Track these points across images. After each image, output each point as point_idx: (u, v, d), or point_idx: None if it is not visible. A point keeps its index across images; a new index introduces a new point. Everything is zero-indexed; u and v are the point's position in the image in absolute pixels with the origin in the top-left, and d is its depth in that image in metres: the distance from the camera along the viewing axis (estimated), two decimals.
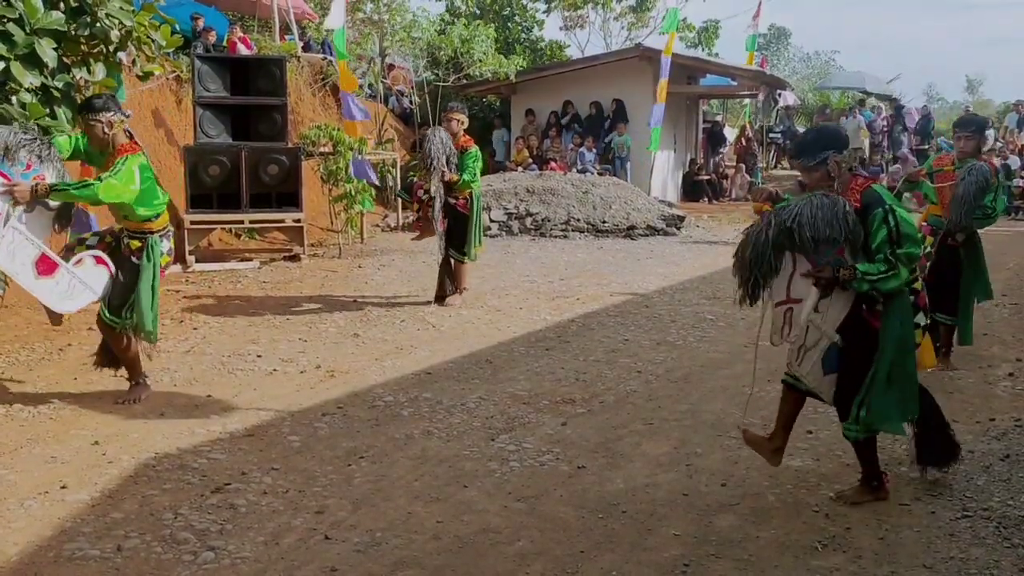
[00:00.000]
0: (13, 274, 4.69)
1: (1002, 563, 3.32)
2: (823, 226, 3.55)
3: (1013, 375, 5.78)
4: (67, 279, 4.78)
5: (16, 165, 4.59)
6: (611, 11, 24.43)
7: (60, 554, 3.31)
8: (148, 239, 4.95)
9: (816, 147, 3.74)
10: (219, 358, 5.93)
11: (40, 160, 4.69)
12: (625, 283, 9.00)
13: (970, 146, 5.60)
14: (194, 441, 4.47)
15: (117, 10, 5.50)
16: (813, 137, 3.88)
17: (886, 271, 3.53)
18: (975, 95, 49.91)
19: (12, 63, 5.03)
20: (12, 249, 4.58)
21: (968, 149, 5.60)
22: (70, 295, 4.80)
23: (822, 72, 36.36)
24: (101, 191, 4.64)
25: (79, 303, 4.89)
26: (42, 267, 4.70)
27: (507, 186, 13.14)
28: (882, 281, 3.55)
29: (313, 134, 10.54)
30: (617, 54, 17.75)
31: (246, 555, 3.34)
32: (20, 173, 4.60)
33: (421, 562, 3.32)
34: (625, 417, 4.99)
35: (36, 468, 4.10)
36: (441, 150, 7.19)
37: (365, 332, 6.79)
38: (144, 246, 4.95)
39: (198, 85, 9.46)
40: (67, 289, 4.78)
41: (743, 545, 3.48)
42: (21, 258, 4.62)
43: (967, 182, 5.42)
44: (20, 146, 4.59)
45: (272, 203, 9.88)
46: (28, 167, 4.64)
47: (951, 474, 4.12)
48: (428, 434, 4.67)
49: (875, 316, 3.69)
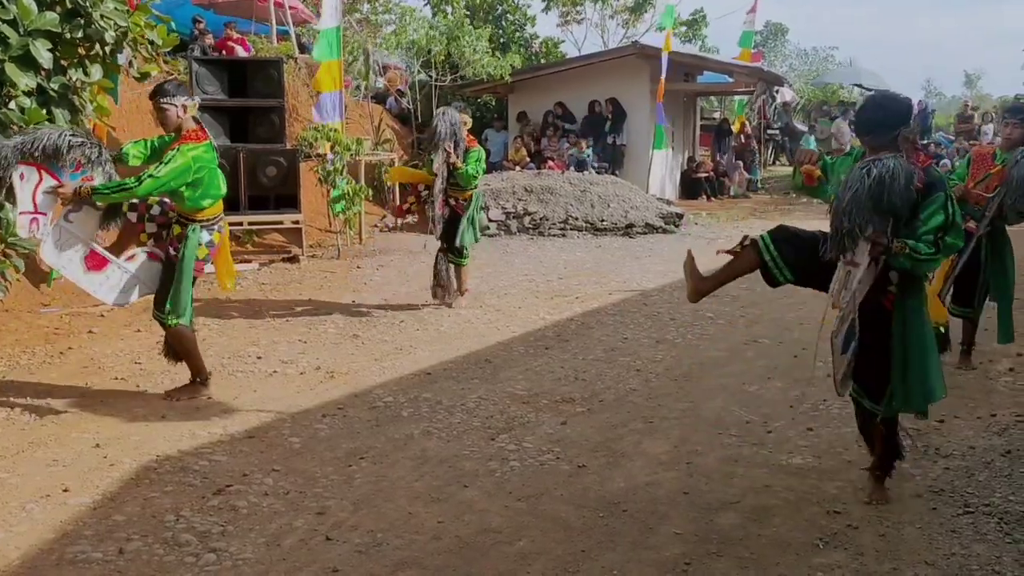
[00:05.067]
0: (60, 268, 4.83)
1: (1004, 559, 3.32)
2: (900, 190, 3.42)
3: (1014, 370, 5.78)
4: (118, 274, 4.91)
5: (67, 167, 4.70)
6: (608, 8, 24.46)
7: (62, 557, 3.31)
8: (188, 227, 4.97)
9: (887, 124, 3.59)
10: (219, 360, 5.93)
11: (89, 162, 4.76)
12: (624, 281, 9.00)
13: (1017, 133, 5.42)
14: (195, 443, 4.47)
15: (112, 11, 5.49)
16: (883, 115, 3.65)
17: (933, 253, 3.47)
18: (974, 90, 49.90)
19: (7, 64, 5.03)
20: (59, 245, 4.76)
21: (1015, 136, 5.42)
22: (122, 288, 4.94)
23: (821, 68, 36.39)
24: (141, 191, 4.69)
25: (131, 297, 5.02)
26: (91, 263, 4.85)
27: (505, 185, 13.13)
28: (925, 263, 3.50)
29: (311, 135, 10.52)
30: (613, 52, 17.75)
31: (247, 556, 3.34)
32: (69, 174, 4.72)
33: (422, 562, 3.32)
34: (625, 416, 4.99)
35: (38, 471, 4.09)
36: (449, 130, 7.18)
37: (364, 333, 6.79)
38: (184, 233, 4.97)
39: (196, 87, 9.45)
40: (118, 283, 4.92)
41: (744, 543, 3.48)
42: (69, 254, 4.79)
43: (1021, 164, 5.22)
44: (71, 148, 4.68)
45: (270, 205, 9.88)
46: (77, 167, 4.73)
47: (952, 471, 4.13)
48: (428, 434, 4.67)
49: (887, 297, 3.62)
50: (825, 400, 5.03)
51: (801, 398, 5.19)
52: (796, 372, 5.66)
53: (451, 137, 7.18)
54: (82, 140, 4.77)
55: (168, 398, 5.11)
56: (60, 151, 4.64)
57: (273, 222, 10.00)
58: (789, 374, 5.69)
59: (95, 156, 4.78)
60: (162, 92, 4.88)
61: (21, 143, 4.58)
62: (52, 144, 4.62)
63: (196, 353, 5.20)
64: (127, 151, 5.05)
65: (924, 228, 3.47)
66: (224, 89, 9.69)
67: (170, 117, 4.88)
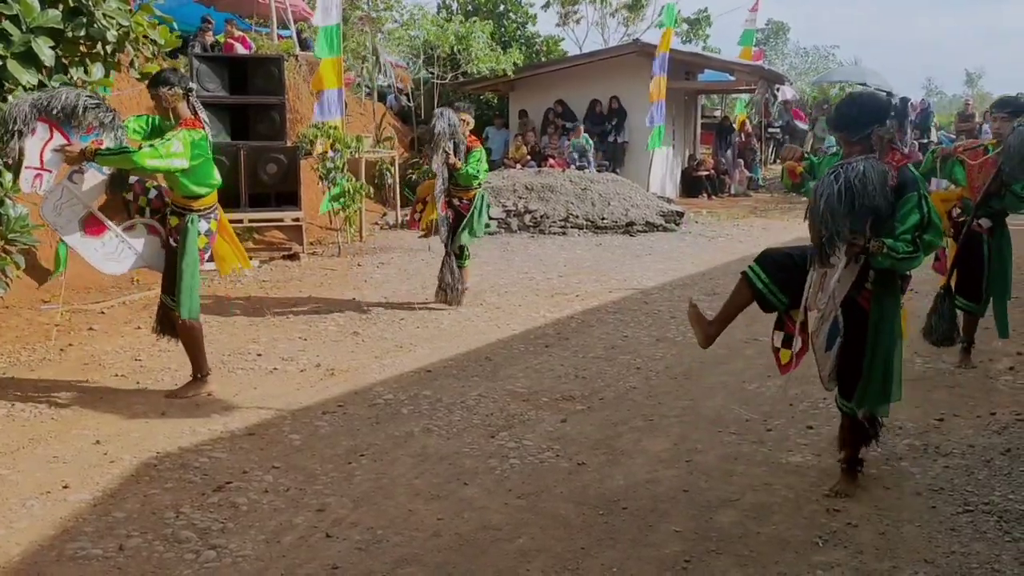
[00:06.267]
0: (58, 228, 4.83)
1: (1003, 557, 3.32)
2: (873, 192, 3.46)
3: (1014, 369, 5.78)
4: (115, 242, 4.91)
5: (80, 128, 4.72)
6: (608, 6, 24.43)
7: (62, 554, 3.32)
8: (186, 216, 4.98)
9: (860, 122, 3.65)
10: (219, 357, 5.93)
11: (102, 125, 4.78)
12: (624, 279, 9.00)
13: (1005, 127, 5.44)
14: (195, 440, 4.48)
15: (114, 10, 5.50)
16: (857, 111, 3.72)
17: (911, 252, 3.51)
18: (975, 88, 49.85)
19: (9, 61, 5.04)
20: (59, 205, 4.75)
21: (1004, 131, 5.43)
22: (116, 257, 4.93)
23: (821, 67, 36.37)
24: (139, 157, 4.67)
25: (125, 266, 5.03)
26: (90, 227, 4.85)
27: (506, 183, 13.13)
28: (904, 261, 3.54)
29: (311, 133, 10.52)
30: (614, 50, 17.75)
31: (247, 553, 3.34)
32: (80, 136, 4.73)
33: (422, 560, 3.32)
34: (625, 414, 4.99)
35: (38, 468, 4.10)
36: (447, 131, 7.17)
37: (365, 330, 6.79)
38: (182, 223, 4.98)
39: (196, 85, 9.44)
40: (114, 251, 4.92)
41: (744, 541, 3.48)
42: (67, 215, 4.79)
43: (1020, 131, 5.23)
44: (86, 109, 4.70)
45: (271, 202, 9.87)
46: (89, 131, 4.74)
47: (952, 469, 4.13)
48: (428, 432, 4.67)
49: (864, 297, 3.69)
50: (824, 398, 5.03)
51: (801, 396, 5.19)
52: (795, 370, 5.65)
53: (450, 138, 7.18)
54: (97, 103, 4.80)
55: (170, 397, 5.12)
56: (76, 111, 4.67)
57: (274, 219, 10.00)
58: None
59: (108, 120, 4.80)
60: (157, 80, 4.90)
61: (38, 99, 4.62)
62: (70, 103, 4.66)
63: (202, 348, 5.20)
64: (127, 124, 5.05)
65: (901, 227, 3.53)
66: (225, 86, 9.69)
67: (160, 105, 4.89)
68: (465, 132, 7.43)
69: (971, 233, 5.52)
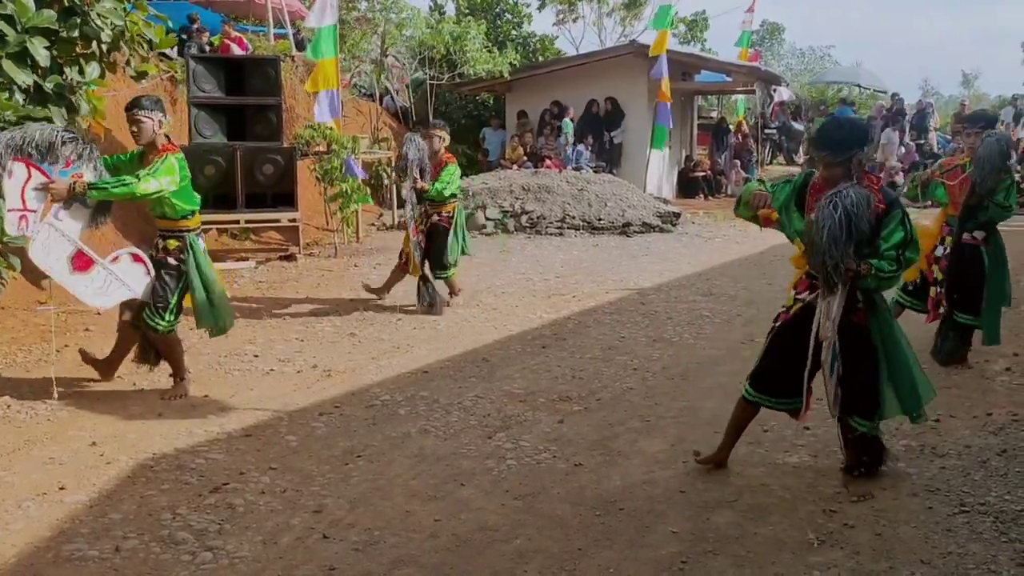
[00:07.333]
0: (48, 269, 4.81)
1: (999, 558, 3.32)
2: (863, 217, 3.53)
3: (1010, 370, 5.79)
4: (102, 276, 4.91)
5: (57, 163, 4.69)
6: (604, 6, 24.43)
7: (59, 555, 3.31)
8: (187, 237, 5.04)
9: (845, 144, 3.70)
10: (216, 358, 5.93)
11: (79, 158, 4.77)
12: (621, 280, 9.00)
13: (978, 142, 5.52)
14: (192, 441, 4.47)
15: (108, 9, 5.49)
16: (842, 135, 3.76)
17: (895, 270, 3.62)
18: (971, 89, 49.91)
19: (3, 61, 5.03)
20: (48, 245, 4.73)
21: (977, 146, 5.52)
22: (105, 291, 4.93)
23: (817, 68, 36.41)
24: (139, 187, 4.71)
25: (114, 299, 5.02)
26: (78, 263, 4.84)
27: (502, 184, 13.13)
28: (886, 280, 3.65)
29: (307, 134, 10.51)
30: (611, 51, 17.74)
31: (244, 555, 3.34)
32: (59, 171, 4.70)
33: (419, 560, 3.32)
34: (622, 414, 4.99)
35: (34, 469, 4.09)
36: (416, 155, 7.26)
37: (361, 331, 6.79)
38: (184, 245, 5.03)
39: (192, 85, 9.44)
40: (102, 285, 4.91)
41: (741, 542, 3.48)
42: (56, 254, 4.77)
43: (988, 143, 5.36)
44: (63, 143, 4.69)
45: (268, 203, 9.87)
46: (67, 164, 4.73)
47: (948, 470, 4.14)
48: (425, 433, 4.67)
49: (856, 314, 3.75)
50: (820, 400, 5.03)
51: None
52: None
53: (418, 165, 7.26)
54: (73, 135, 4.78)
55: (165, 398, 5.12)
56: (53, 147, 4.64)
57: (270, 220, 10.00)
58: None
59: (86, 153, 4.79)
60: (139, 105, 4.88)
61: (11, 139, 4.57)
62: (45, 140, 4.62)
63: (182, 353, 5.30)
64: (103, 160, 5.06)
65: (886, 246, 3.62)
66: (221, 87, 9.69)
67: (145, 130, 4.88)
68: (441, 148, 7.51)
69: (964, 248, 5.63)
